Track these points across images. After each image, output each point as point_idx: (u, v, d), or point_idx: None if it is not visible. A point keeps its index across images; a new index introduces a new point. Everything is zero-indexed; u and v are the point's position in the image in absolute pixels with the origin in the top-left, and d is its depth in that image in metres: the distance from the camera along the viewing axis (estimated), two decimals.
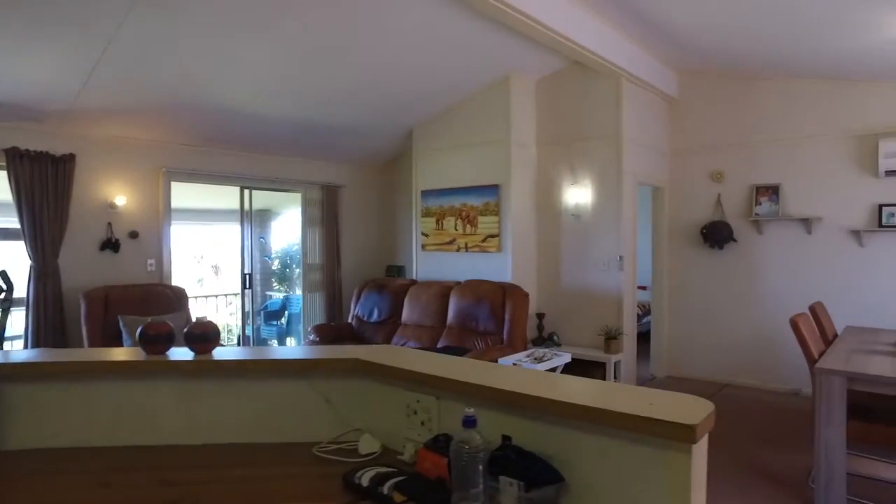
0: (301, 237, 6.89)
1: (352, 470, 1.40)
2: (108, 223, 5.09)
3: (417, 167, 6.22)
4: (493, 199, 5.44)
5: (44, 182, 4.58)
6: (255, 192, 6.59)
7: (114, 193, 5.12)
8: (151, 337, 1.68)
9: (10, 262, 4.19)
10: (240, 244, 6.56)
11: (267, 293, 9.15)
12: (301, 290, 6.95)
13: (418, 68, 5.01)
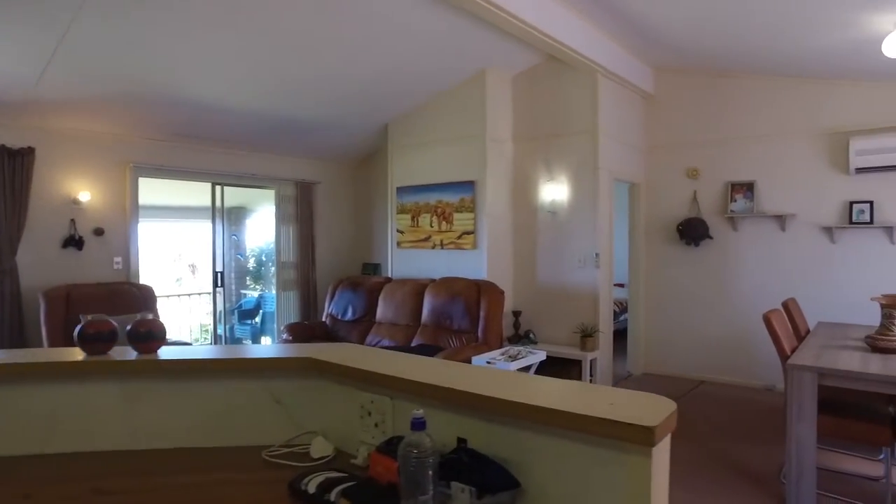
0: (275, 235, 6.76)
1: (299, 476, 1.32)
2: (72, 220, 4.91)
3: (393, 163, 6.12)
4: (469, 196, 5.37)
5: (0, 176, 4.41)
6: (227, 188, 6.44)
7: (77, 189, 4.94)
8: (91, 336, 1.57)
9: None
10: (211, 242, 6.41)
11: (242, 292, 8.99)
12: (275, 289, 6.83)
13: (393, 62, 4.91)
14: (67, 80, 4.15)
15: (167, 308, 7.96)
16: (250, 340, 8.31)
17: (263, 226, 8.29)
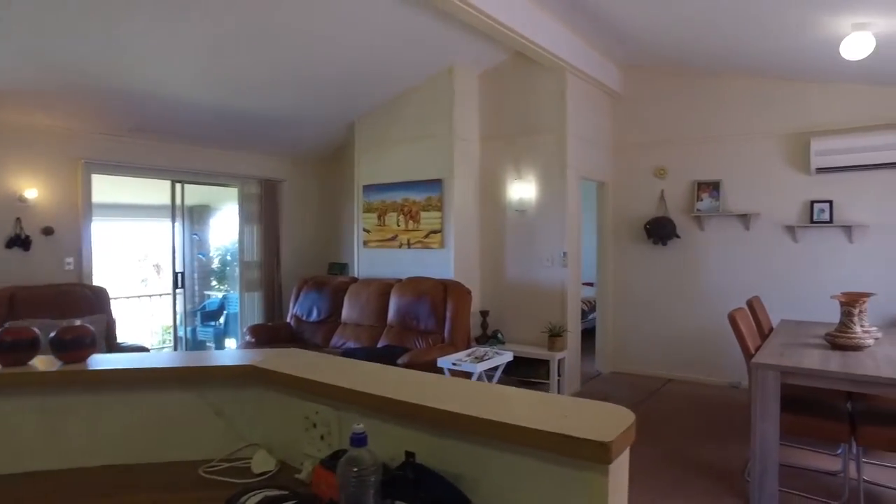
0: (238, 234, 6.57)
1: (236, 494, 1.21)
2: (17, 218, 4.66)
3: (359, 161, 6.00)
4: (436, 195, 5.28)
5: None
6: (187, 186, 6.23)
7: (23, 186, 4.69)
8: (8, 344, 1.43)
9: None
10: (171, 241, 6.19)
11: (205, 293, 8.73)
12: (238, 290, 6.64)
13: (358, 57, 4.79)
14: (4, 69, 3.91)
15: (127, 310, 7.68)
16: (213, 343, 8.06)
17: (228, 225, 8.07)
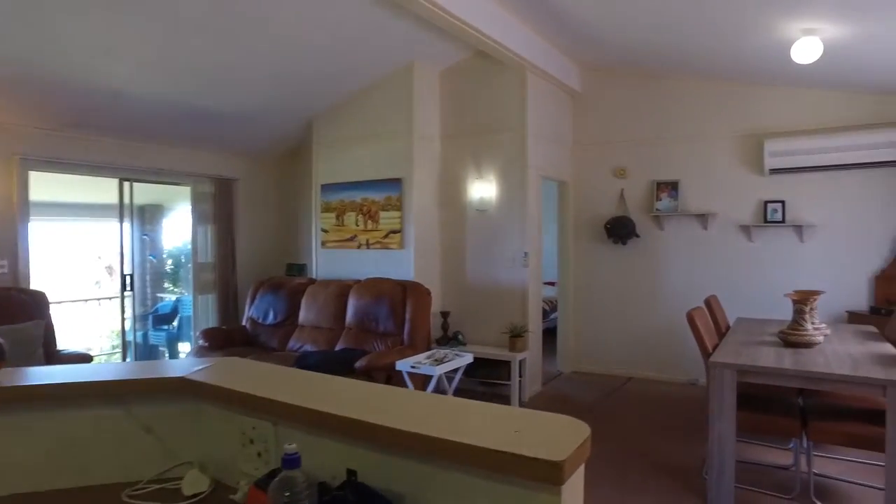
0: (191, 234, 6.33)
1: None
2: None
3: (317, 160, 5.85)
4: (396, 194, 5.18)
5: None
6: (136, 184, 5.95)
7: None
8: None
9: None
10: (118, 242, 5.91)
11: (158, 295, 8.40)
12: (192, 292, 6.39)
13: (317, 51, 4.65)
14: None
15: (75, 315, 7.33)
16: (167, 347, 7.76)
17: (181, 225, 7.78)
